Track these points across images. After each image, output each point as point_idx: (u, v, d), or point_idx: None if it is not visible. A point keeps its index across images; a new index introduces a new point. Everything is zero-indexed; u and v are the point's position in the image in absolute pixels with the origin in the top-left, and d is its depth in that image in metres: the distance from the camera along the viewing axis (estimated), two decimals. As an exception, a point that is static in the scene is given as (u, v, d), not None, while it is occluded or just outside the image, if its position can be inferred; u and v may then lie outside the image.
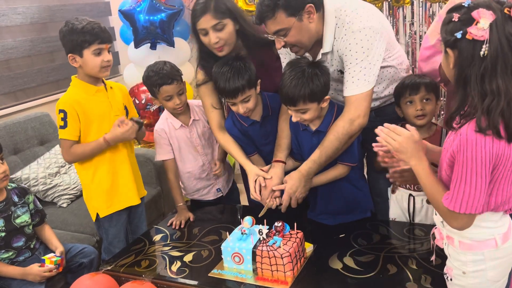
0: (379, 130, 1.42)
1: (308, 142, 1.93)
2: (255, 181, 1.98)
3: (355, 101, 1.77)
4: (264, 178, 1.97)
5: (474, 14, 1.13)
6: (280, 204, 1.93)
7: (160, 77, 2.14)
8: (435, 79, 2.07)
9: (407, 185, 1.94)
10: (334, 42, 1.81)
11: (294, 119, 1.83)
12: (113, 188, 2.17)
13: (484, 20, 1.12)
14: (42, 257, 2.02)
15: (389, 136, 1.38)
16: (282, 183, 1.93)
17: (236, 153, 2.10)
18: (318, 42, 1.84)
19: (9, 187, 2.08)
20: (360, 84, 1.76)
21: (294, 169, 1.94)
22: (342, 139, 1.79)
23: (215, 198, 2.43)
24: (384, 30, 1.79)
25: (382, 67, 1.89)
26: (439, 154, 1.38)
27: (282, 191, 1.92)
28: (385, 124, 1.43)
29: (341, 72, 1.86)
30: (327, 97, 1.80)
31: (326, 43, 1.82)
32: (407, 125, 1.41)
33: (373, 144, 1.52)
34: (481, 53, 1.13)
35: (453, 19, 1.16)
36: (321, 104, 1.79)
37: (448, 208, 1.23)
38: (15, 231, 2.04)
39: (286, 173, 1.97)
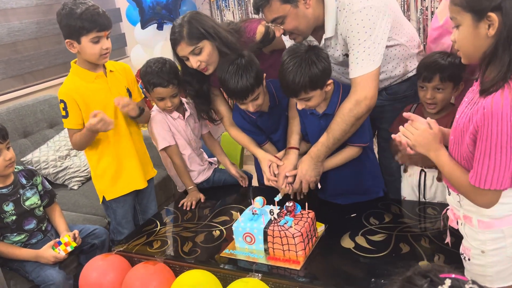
0: (401, 127, 1.40)
1: (317, 126, 1.91)
2: (270, 166, 2.00)
3: (361, 81, 1.74)
4: (278, 165, 1.98)
5: None
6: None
7: (157, 77, 2.09)
8: None
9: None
10: (337, 26, 1.78)
11: (299, 107, 1.82)
12: (118, 173, 2.16)
13: None
14: (59, 239, 2.02)
15: (407, 130, 1.37)
16: (296, 169, 1.93)
17: (248, 143, 2.15)
18: (322, 27, 1.81)
19: (16, 170, 2.07)
20: (365, 65, 1.72)
21: (307, 150, 1.93)
22: (348, 121, 1.77)
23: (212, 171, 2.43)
24: (388, 8, 1.74)
25: (390, 46, 1.85)
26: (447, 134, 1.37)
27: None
28: (405, 114, 1.41)
29: (347, 56, 1.82)
30: (329, 81, 1.77)
31: (328, 28, 1.79)
32: (428, 118, 1.38)
33: (392, 136, 1.48)
34: None
35: None
36: (325, 89, 1.77)
37: (474, 185, 1.21)
38: (25, 214, 2.05)
39: (302, 155, 1.96)
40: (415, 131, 1.35)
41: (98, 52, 1.96)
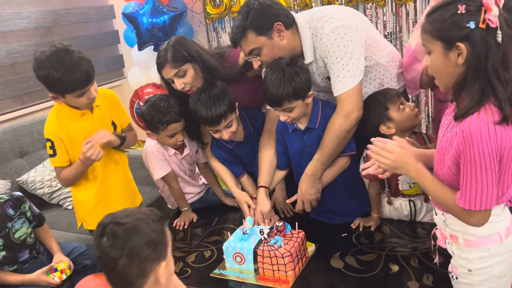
0: (369, 152, 1.40)
1: (300, 143, 1.95)
2: (249, 206, 2.07)
3: (346, 97, 1.80)
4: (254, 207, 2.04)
5: (486, 2, 1.10)
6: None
7: (170, 114, 2.07)
8: (415, 90, 2.04)
9: (406, 195, 1.91)
10: (315, 51, 1.85)
11: (282, 119, 1.86)
12: (99, 206, 2.11)
13: (494, 7, 1.10)
14: (55, 266, 2.00)
15: (380, 156, 1.36)
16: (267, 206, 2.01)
17: (227, 179, 2.19)
18: (301, 56, 1.87)
19: (1, 200, 1.98)
20: (347, 81, 1.78)
21: (286, 178, 2.00)
22: (340, 136, 1.81)
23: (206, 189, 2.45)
24: (362, 25, 1.82)
25: (368, 66, 1.90)
26: (431, 156, 1.38)
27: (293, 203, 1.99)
28: (373, 140, 1.41)
29: (329, 79, 1.88)
30: (310, 92, 1.83)
31: (307, 54, 1.86)
32: (394, 137, 1.40)
33: (362, 175, 1.47)
34: (499, 39, 1.11)
35: (458, 12, 1.13)
36: (306, 100, 1.82)
37: (464, 208, 1.21)
38: (17, 246, 1.99)
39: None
40: (390, 155, 1.35)
41: (85, 103, 1.92)
